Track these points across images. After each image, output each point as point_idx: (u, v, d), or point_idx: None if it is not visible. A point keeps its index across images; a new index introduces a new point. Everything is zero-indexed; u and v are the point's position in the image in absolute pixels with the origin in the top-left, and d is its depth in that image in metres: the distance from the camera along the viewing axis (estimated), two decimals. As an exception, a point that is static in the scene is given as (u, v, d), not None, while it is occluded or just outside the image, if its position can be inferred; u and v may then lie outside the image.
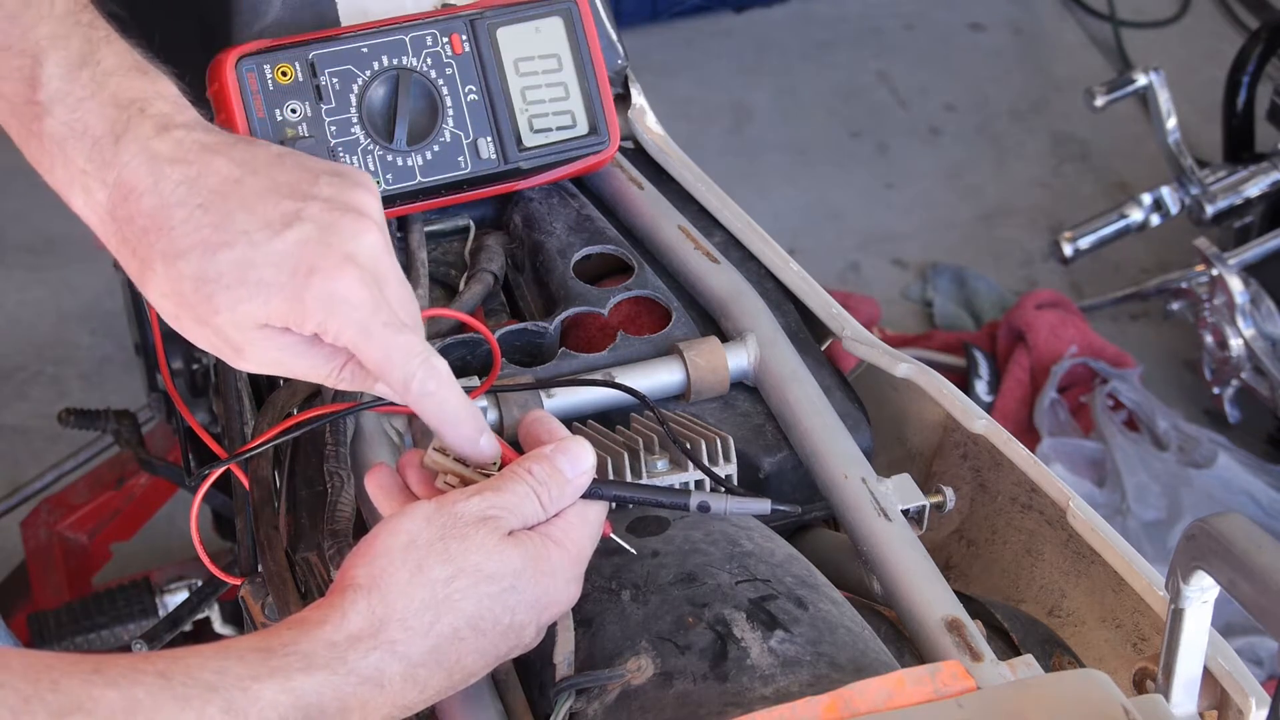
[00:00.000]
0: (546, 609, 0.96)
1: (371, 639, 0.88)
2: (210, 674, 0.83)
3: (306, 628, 0.88)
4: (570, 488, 0.98)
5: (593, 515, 0.99)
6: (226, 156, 0.95)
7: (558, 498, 0.97)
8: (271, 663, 0.85)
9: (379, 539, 0.92)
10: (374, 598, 0.89)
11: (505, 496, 0.95)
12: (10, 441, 2.63)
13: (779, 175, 3.22)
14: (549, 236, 1.33)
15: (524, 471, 0.97)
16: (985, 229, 3.12)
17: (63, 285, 2.87)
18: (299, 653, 0.86)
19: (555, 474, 0.97)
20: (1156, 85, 2.57)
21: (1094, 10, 3.57)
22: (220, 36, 1.31)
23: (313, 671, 0.86)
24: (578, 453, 0.98)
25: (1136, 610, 1.10)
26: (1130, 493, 2.45)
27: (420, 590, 0.90)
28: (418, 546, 0.91)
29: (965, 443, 1.24)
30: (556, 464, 0.97)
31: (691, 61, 3.47)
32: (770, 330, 1.23)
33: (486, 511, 0.94)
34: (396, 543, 0.92)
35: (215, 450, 1.31)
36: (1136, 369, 2.65)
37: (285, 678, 0.85)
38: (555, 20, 1.31)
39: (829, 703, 0.88)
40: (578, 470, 0.98)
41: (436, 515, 0.93)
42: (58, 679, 0.80)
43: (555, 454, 0.98)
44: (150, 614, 1.94)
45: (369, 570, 0.90)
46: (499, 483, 0.96)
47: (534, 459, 0.98)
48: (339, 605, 0.89)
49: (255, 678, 0.84)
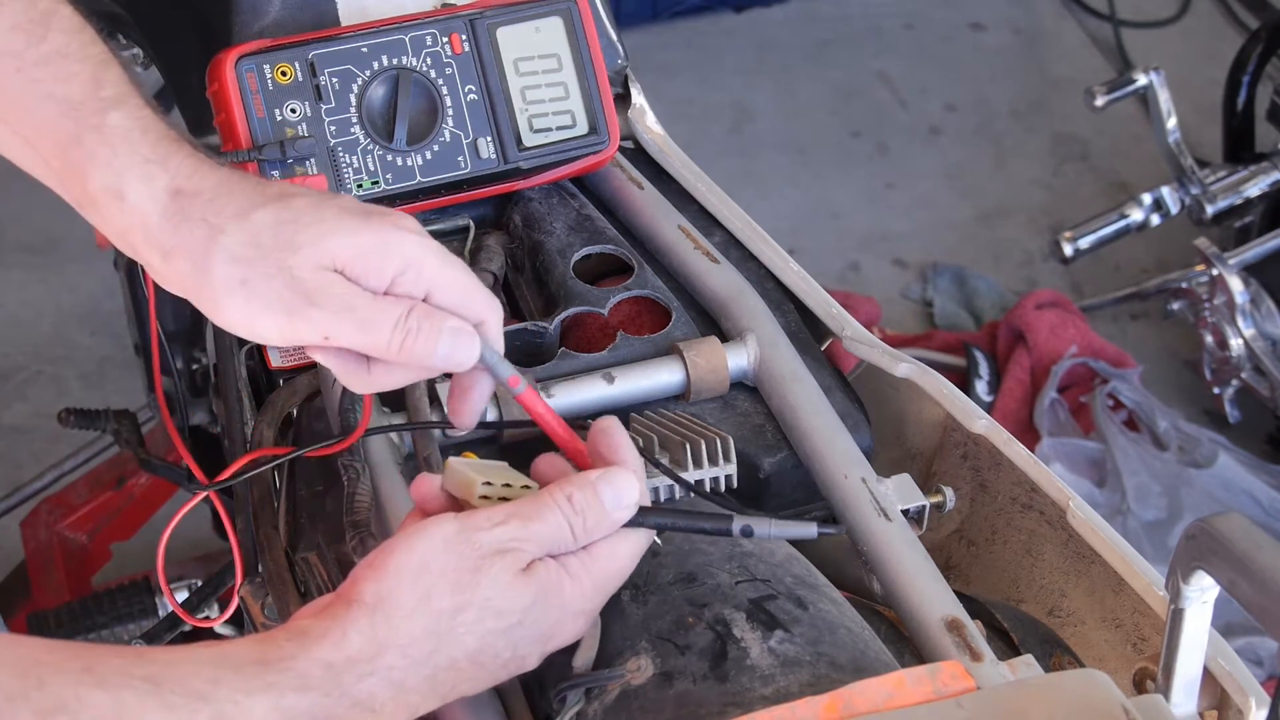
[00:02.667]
0: (550, 641, 0.94)
1: (368, 663, 0.87)
2: (203, 683, 0.83)
3: (306, 642, 0.87)
4: (608, 521, 0.95)
5: (623, 550, 0.96)
6: None
7: (593, 529, 0.95)
8: (266, 677, 0.84)
9: (394, 556, 0.90)
10: (377, 619, 0.88)
11: (534, 527, 0.93)
12: (10, 441, 2.63)
13: (779, 175, 3.22)
14: (549, 236, 1.32)
15: (563, 498, 0.94)
16: (985, 229, 3.12)
17: (63, 285, 2.87)
18: (295, 671, 0.85)
19: (595, 505, 0.95)
20: (1156, 85, 2.57)
21: (1094, 10, 3.57)
22: (220, 36, 1.31)
23: (306, 692, 0.85)
24: (624, 486, 0.96)
25: (1136, 610, 1.10)
26: (1130, 493, 2.45)
27: (424, 618, 0.89)
28: (430, 572, 0.90)
29: (965, 443, 1.24)
30: (600, 494, 0.95)
31: (691, 61, 3.47)
32: (770, 330, 1.23)
33: (508, 544, 0.92)
34: (410, 564, 0.90)
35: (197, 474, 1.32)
36: (1136, 369, 2.65)
37: (278, 694, 0.84)
38: (555, 20, 1.31)
39: (829, 703, 0.88)
40: (620, 505, 0.96)
41: (455, 541, 0.91)
42: (46, 676, 0.79)
43: (600, 483, 0.95)
44: (150, 614, 1.94)
45: (377, 588, 0.89)
46: (533, 509, 0.94)
47: (578, 485, 0.95)
48: (341, 620, 0.88)
49: (249, 692, 0.84)
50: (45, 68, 1.00)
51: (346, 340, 0.98)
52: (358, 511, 1.09)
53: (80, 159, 0.99)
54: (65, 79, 1.00)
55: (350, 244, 0.97)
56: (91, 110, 0.99)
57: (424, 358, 0.98)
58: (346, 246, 0.97)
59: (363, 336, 0.98)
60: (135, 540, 2.20)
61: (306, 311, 0.96)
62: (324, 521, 1.17)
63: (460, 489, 0.98)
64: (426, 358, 0.98)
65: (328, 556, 1.16)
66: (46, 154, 1.00)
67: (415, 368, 1.00)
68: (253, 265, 0.96)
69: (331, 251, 0.97)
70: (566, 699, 0.96)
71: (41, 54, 1.00)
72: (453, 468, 0.99)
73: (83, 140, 0.99)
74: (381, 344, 0.98)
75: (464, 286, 1.00)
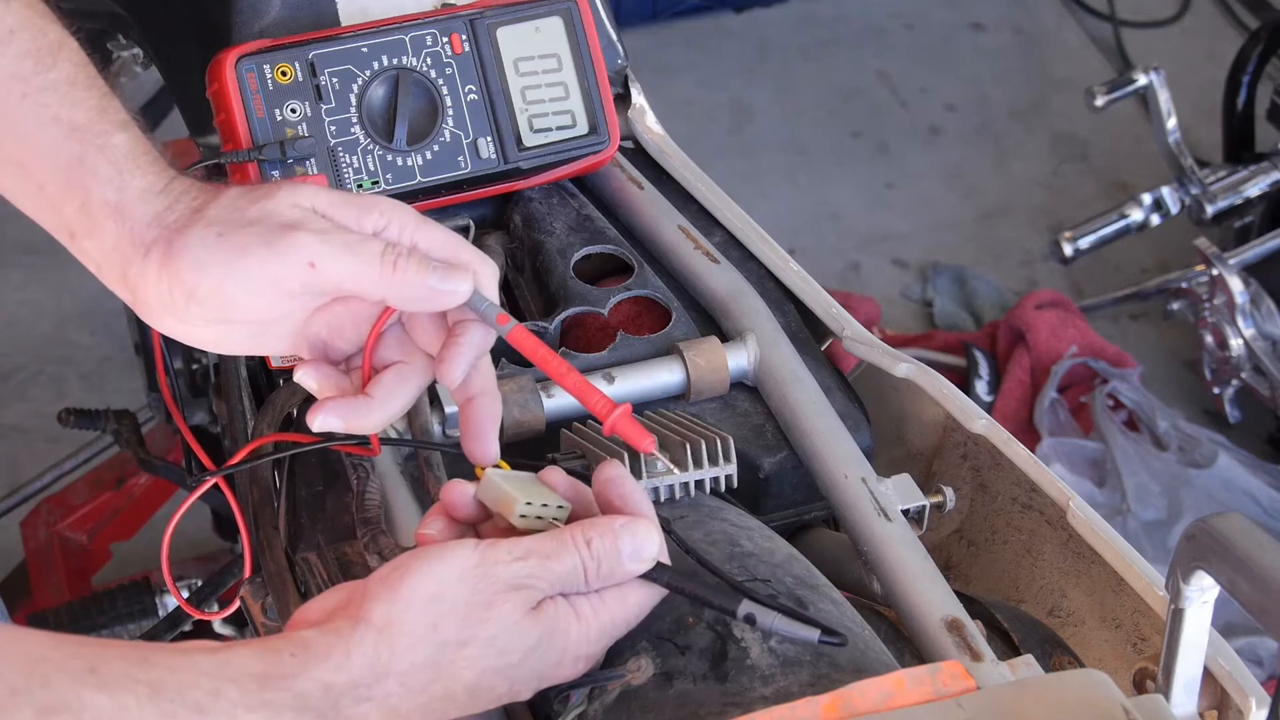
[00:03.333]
0: (547, 680, 0.94)
1: (367, 688, 0.87)
2: (203, 694, 0.83)
3: (308, 659, 0.86)
4: (623, 571, 0.94)
5: (634, 600, 0.95)
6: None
7: (607, 576, 0.94)
8: (265, 695, 0.84)
9: (409, 580, 0.89)
10: (382, 644, 0.88)
11: (550, 566, 0.92)
12: (10, 441, 2.63)
13: (779, 175, 3.22)
14: (549, 236, 1.32)
15: (582, 542, 0.93)
16: (985, 229, 3.12)
17: (63, 285, 2.87)
18: (294, 691, 0.85)
19: (613, 554, 0.94)
20: (1156, 85, 2.57)
21: (1094, 10, 3.57)
22: (220, 36, 1.31)
23: (303, 713, 0.85)
24: (645, 540, 0.95)
25: (1136, 610, 1.10)
26: (1130, 493, 2.45)
27: (428, 648, 0.89)
28: (442, 602, 0.89)
29: (965, 443, 1.24)
30: (619, 544, 0.94)
31: (691, 61, 3.47)
32: (770, 330, 1.23)
33: (524, 580, 0.91)
34: (424, 590, 0.89)
35: (205, 461, 1.31)
36: (1136, 369, 2.65)
37: (275, 713, 0.84)
38: (555, 20, 1.31)
39: (829, 703, 0.88)
40: (639, 558, 0.95)
41: (473, 573, 0.90)
42: (49, 674, 0.79)
43: (623, 533, 0.94)
44: (150, 614, 1.94)
45: (388, 610, 0.88)
46: (552, 548, 0.93)
47: (599, 530, 0.94)
48: (346, 639, 0.87)
49: (247, 708, 0.84)
50: (53, 93, 1.01)
51: (333, 262, 0.97)
52: (369, 509, 1.09)
53: (82, 176, 1.00)
54: (73, 104, 1.01)
55: (328, 195, 0.99)
56: (97, 132, 1.01)
57: (415, 284, 0.97)
58: (324, 195, 0.99)
59: (351, 257, 0.97)
60: (135, 540, 2.20)
61: (291, 236, 0.96)
62: (324, 521, 1.17)
63: (498, 504, 0.97)
64: (417, 285, 0.98)
65: (328, 556, 1.15)
66: (42, 177, 1.01)
67: (402, 299, 0.99)
68: (229, 220, 0.98)
69: (310, 196, 0.98)
70: (569, 699, 0.96)
71: (50, 80, 1.02)
72: (490, 480, 0.98)
73: (86, 159, 1.00)
74: (373, 266, 0.97)
75: (448, 239, 1.01)
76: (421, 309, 1.00)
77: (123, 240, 0.99)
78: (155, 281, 0.99)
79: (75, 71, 1.03)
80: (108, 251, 1.00)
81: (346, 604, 0.90)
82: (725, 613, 0.96)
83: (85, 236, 1.01)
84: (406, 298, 0.99)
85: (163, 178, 1.01)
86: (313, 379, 1.03)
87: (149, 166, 1.01)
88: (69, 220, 1.01)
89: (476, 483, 0.99)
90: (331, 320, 1.02)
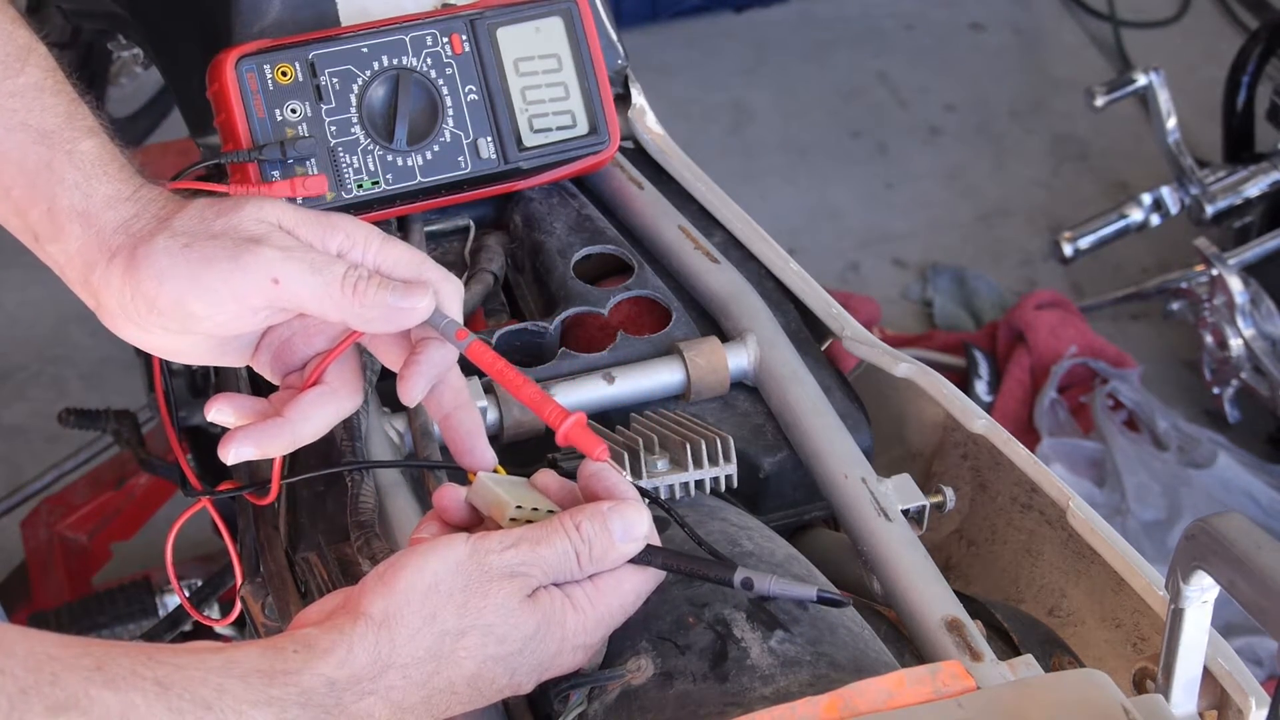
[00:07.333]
0: (547, 671, 0.94)
1: (370, 681, 0.88)
2: (210, 691, 0.83)
3: (312, 656, 0.87)
4: (615, 553, 0.95)
5: (629, 585, 0.96)
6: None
7: (599, 560, 0.94)
8: (270, 690, 0.85)
9: (404, 574, 0.90)
10: (382, 637, 0.88)
11: (542, 552, 0.93)
12: (10, 441, 2.63)
13: (779, 175, 3.23)
14: (549, 236, 1.33)
15: (571, 527, 0.94)
16: (985, 229, 3.12)
17: (63, 285, 2.85)
18: (298, 686, 0.86)
19: (603, 536, 0.94)
20: (1156, 85, 2.57)
21: (1094, 10, 3.57)
22: (220, 36, 1.31)
23: (308, 708, 0.86)
24: (634, 519, 0.95)
25: (1136, 610, 1.10)
26: (1130, 493, 2.45)
27: (428, 639, 0.89)
28: (439, 593, 0.90)
29: (965, 443, 1.24)
30: (609, 526, 0.94)
31: (691, 61, 3.47)
32: (770, 330, 1.23)
33: (517, 568, 0.92)
34: (420, 583, 0.90)
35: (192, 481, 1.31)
36: (1136, 369, 2.65)
37: (280, 709, 0.85)
38: (555, 20, 1.31)
39: (829, 703, 0.88)
40: (629, 537, 0.95)
41: (466, 563, 0.91)
42: (58, 672, 0.80)
43: (611, 514, 0.95)
44: (150, 614, 1.94)
45: (385, 605, 0.89)
46: (542, 534, 0.93)
47: (587, 515, 0.95)
48: (348, 635, 0.88)
49: (253, 704, 0.84)
50: (20, 99, 1.02)
51: (296, 281, 0.97)
52: (363, 512, 1.09)
53: (49, 182, 1.01)
54: (40, 110, 1.02)
55: (294, 212, 1.00)
56: (65, 139, 1.02)
57: (376, 305, 0.98)
58: (290, 212, 1.00)
59: (314, 276, 0.98)
60: (135, 540, 2.20)
61: (255, 250, 0.97)
62: (324, 521, 1.17)
63: (490, 508, 0.98)
64: (378, 306, 0.98)
65: (328, 556, 1.15)
66: (8, 181, 1.01)
67: (363, 320, 0.99)
68: (195, 231, 0.98)
69: (276, 213, 0.99)
70: (569, 699, 0.96)
71: (18, 85, 1.02)
72: (482, 484, 0.98)
73: (53, 165, 1.01)
74: (334, 288, 0.98)
75: (411, 257, 1.01)
76: (384, 329, 1.01)
77: (88, 245, 1.00)
78: (119, 288, 0.99)
79: (44, 77, 1.03)
80: (71, 256, 1.01)
81: (345, 605, 0.91)
82: (722, 583, 0.96)
83: (50, 241, 1.01)
84: (368, 318, 0.99)
85: (130, 185, 1.01)
86: (229, 413, 1.03)
87: (116, 173, 1.02)
88: (34, 224, 1.02)
89: (468, 487, 1.00)
90: (290, 334, 1.04)
